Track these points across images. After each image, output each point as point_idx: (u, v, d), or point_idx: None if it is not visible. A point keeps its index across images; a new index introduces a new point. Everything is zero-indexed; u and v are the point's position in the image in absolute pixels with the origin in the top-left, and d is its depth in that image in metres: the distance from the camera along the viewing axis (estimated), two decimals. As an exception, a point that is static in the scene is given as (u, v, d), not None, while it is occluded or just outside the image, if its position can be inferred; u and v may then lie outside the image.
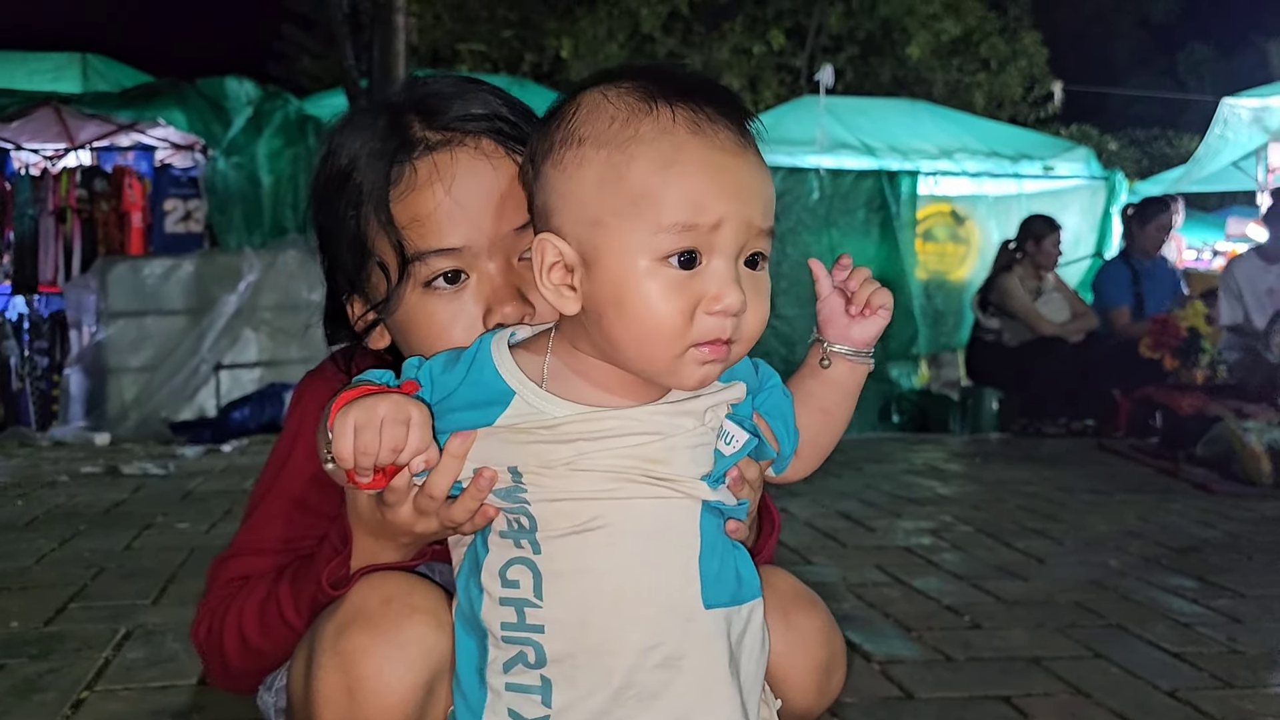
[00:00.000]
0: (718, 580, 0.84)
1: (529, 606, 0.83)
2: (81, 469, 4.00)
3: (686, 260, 0.76)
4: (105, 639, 2.05)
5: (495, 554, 0.85)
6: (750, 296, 0.79)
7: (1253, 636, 2.22)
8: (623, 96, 0.79)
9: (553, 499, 0.82)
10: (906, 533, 3.14)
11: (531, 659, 0.83)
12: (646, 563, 0.82)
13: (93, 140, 7.07)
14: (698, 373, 0.80)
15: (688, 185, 0.76)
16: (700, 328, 0.77)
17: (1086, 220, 7.53)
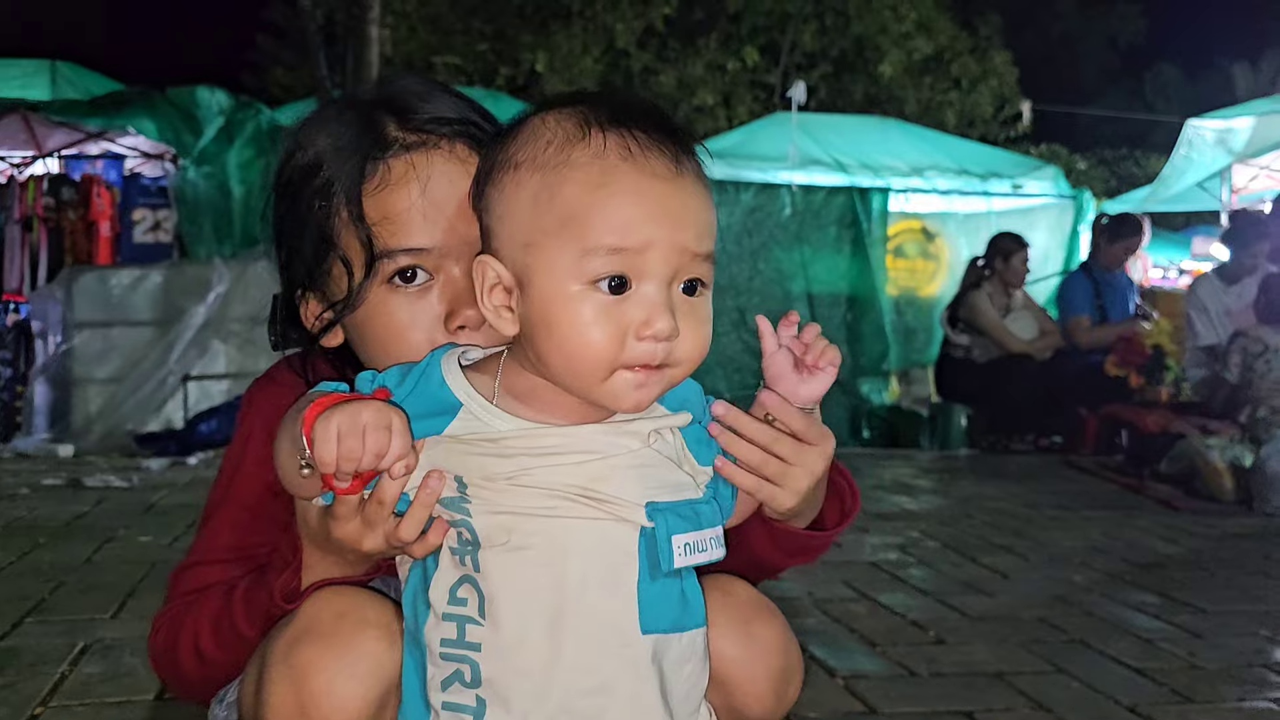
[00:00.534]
0: (657, 606, 0.83)
1: (470, 624, 0.83)
2: (43, 481, 3.94)
3: (616, 285, 0.77)
4: (62, 654, 2.02)
5: (445, 571, 0.85)
6: (685, 322, 0.79)
7: (1213, 652, 2.24)
8: (560, 122, 0.80)
9: (494, 512, 0.82)
10: (874, 548, 3.15)
11: (468, 678, 0.82)
12: (582, 585, 0.81)
13: (61, 148, 7.01)
14: (631, 395, 0.80)
15: (616, 208, 0.77)
16: (630, 352, 0.78)
17: (1055, 238, 7.61)
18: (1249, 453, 4.03)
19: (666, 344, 0.78)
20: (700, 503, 0.87)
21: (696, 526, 0.85)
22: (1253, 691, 2.02)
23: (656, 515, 0.83)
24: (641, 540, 0.83)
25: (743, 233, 7.10)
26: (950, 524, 3.55)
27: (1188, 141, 7.26)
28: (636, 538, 0.83)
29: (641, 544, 0.83)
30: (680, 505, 0.84)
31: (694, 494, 0.86)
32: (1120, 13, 23.84)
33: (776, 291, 7.17)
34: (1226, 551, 3.25)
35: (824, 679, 2.02)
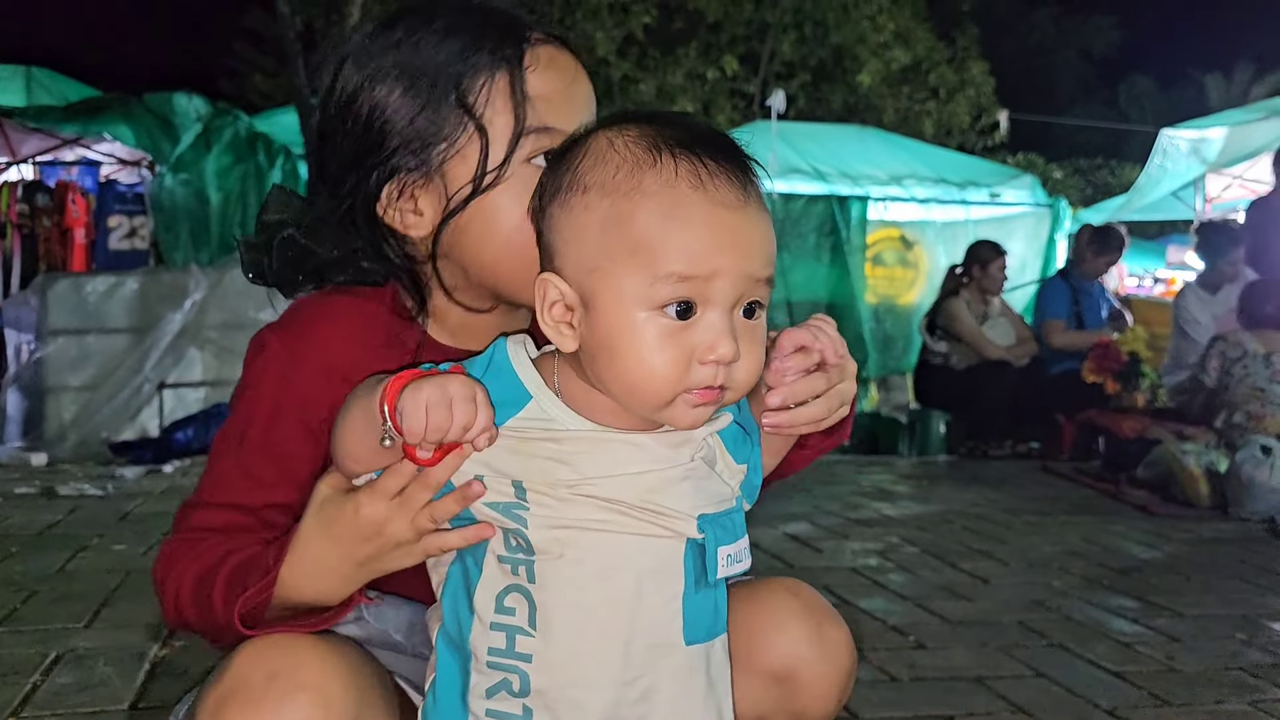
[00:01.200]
0: (699, 618, 0.85)
1: (521, 634, 0.82)
2: (16, 490, 3.89)
3: (683, 310, 0.78)
4: (34, 664, 1.99)
5: (492, 578, 0.84)
6: (745, 345, 0.80)
7: (1190, 655, 2.26)
8: (629, 145, 0.81)
9: (551, 525, 0.82)
10: (854, 554, 3.15)
11: (516, 687, 0.82)
12: (635, 599, 0.82)
13: (35, 154, 6.96)
14: (690, 415, 0.81)
15: (687, 238, 0.77)
16: (693, 376, 0.79)
17: (1032, 246, 7.68)
18: (1224, 458, 4.06)
19: (727, 368, 0.79)
20: (735, 512, 0.88)
21: (735, 537, 0.86)
22: (1229, 694, 2.04)
23: (706, 527, 0.83)
24: (688, 552, 0.84)
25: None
26: (929, 529, 3.56)
27: (1162, 151, 7.36)
28: (683, 550, 0.84)
29: (688, 556, 0.84)
30: (722, 516, 0.85)
31: (730, 504, 0.88)
32: (1095, 25, 24.13)
33: (760, 296, 7.18)
34: (1202, 556, 3.28)
35: (805, 684, 2.01)
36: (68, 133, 6.57)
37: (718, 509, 0.85)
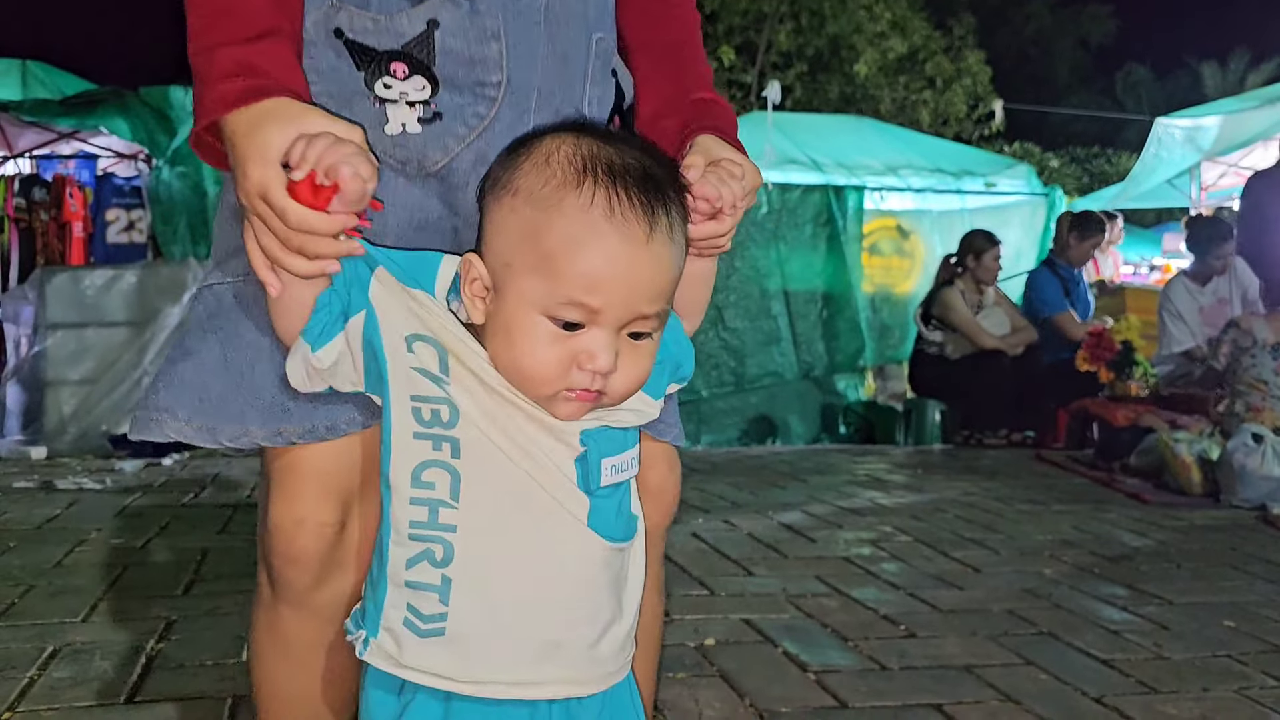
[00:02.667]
0: (602, 517, 0.91)
1: (444, 507, 0.88)
2: (15, 484, 3.91)
3: (571, 326, 0.85)
4: (31, 658, 2.01)
5: (406, 454, 0.89)
6: (625, 359, 0.86)
7: (1178, 643, 2.28)
8: (562, 162, 0.86)
9: (470, 398, 0.88)
10: (847, 543, 3.17)
11: (439, 557, 0.88)
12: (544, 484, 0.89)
13: (32, 148, 6.95)
14: (566, 409, 0.87)
15: (586, 267, 0.83)
16: (573, 378, 0.85)
17: (1027, 235, 7.68)
18: (1216, 446, 4.08)
19: (604, 377, 0.85)
20: (630, 429, 0.95)
21: (623, 448, 0.93)
22: (1217, 681, 2.06)
23: (589, 440, 0.90)
24: (576, 462, 0.90)
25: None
26: (923, 519, 3.59)
27: (1157, 139, 7.36)
28: (573, 460, 0.90)
29: (577, 464, 0.90)
30: (609, 429, 0.92)
31: (627, 424, 0.94)
32: (1091, 13, 24.06)
33: (753, 289, 7.20)
34: (1193, 544, 3.30)
35: (795, 673, 2.04)
36: (64, 126, 6.56)
37: (607, 423, 0.92)
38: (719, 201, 0.94)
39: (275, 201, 0.83)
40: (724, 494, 3.99)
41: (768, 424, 7.15)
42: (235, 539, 3.03)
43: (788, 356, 7.24)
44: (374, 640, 0.92)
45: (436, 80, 0.99)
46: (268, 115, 0.86)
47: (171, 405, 1.01)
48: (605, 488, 0.91)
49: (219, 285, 1.04)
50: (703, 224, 0.95)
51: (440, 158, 1.01)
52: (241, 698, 1.82)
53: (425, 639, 0.89)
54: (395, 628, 0.90)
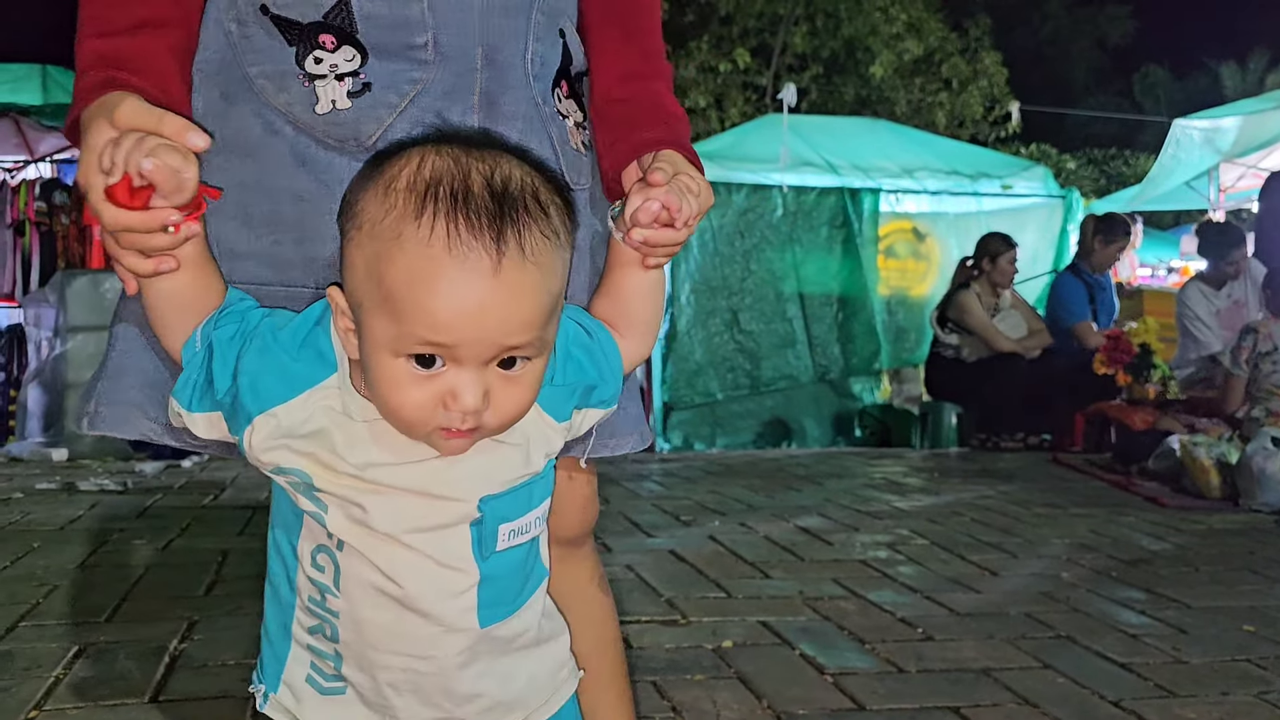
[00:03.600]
0: (497, 601, 0.87)
1: (329, 593, 0.86)
2: (37, 485, 3.95)
3: (425, 361, 0.77)
4: (56, 657, 2.03)
5: (306, 532, 0.86)
6: (500, 391, 0.79)
7: (1196, 647, 2.27)
8: (403, 191, 0.78)
9: (343, 507, 0.83)
10: (863, 546, 3.18)
11: (328, 633, 0.87)
12: (425, 585, 0.84)
13: (53, 153, 7.02)
14: (449, 446, 0.81)
15: (429, 305, 0.75)
16: (442, 418, 0.78)
17: (1044, 238, 7.64)
18: (1235, 450, 4.07)
19: (475, 414, 0.78)
20: (536, 481, 0.89)
21: (524, 510, 0.88)
22: (1236, 686, 2.05)
23: (486, 506, 0.85)
24: (473, 527, 0.85)
25: (734, 234, 7.12)
26: (939, 522, 3.58)
27: (1175, 141, 7.32)
28: (468, 530, 0.85)
29: (474, 529, 0.85)
30: (512, 493, 0.86)
31: (531, 474, 0.88)
32: (1109, 14, 23.95)
33: (768, 292, 7.19)
34: (1212, 548, 3.29)
35: (813, 676, 2.04)
36: (84, 131, 6.64)
37: (506, 487, 0.86)
38: (678, 213, 0.89)
39: (93, 203, 0.79)
40: (740, 497, 3.99)
41: (783, 427, 7.15)
42: (255, 540, 3.05)
43: (803, 359, 7.23)
44: (273, 695, 0.91)
45: (365, 48, 0.95)
46: (96, 113, 0.82)
47: (142, 402, 0.98)
48: (502, 551, 0.87)
49: None
50: (661, 230, 0.90)
51: (374, 129, 0.96)
52: (263, 698, 1.83)
53: (327, 696, 0.89)
54: (296, 684, 0.90)
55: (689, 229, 0.91)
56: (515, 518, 0.87)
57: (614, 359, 0.94)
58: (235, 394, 0.83)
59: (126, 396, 0.98)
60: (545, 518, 0.91)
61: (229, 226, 0.99)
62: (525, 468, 0.87)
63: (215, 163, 0.99)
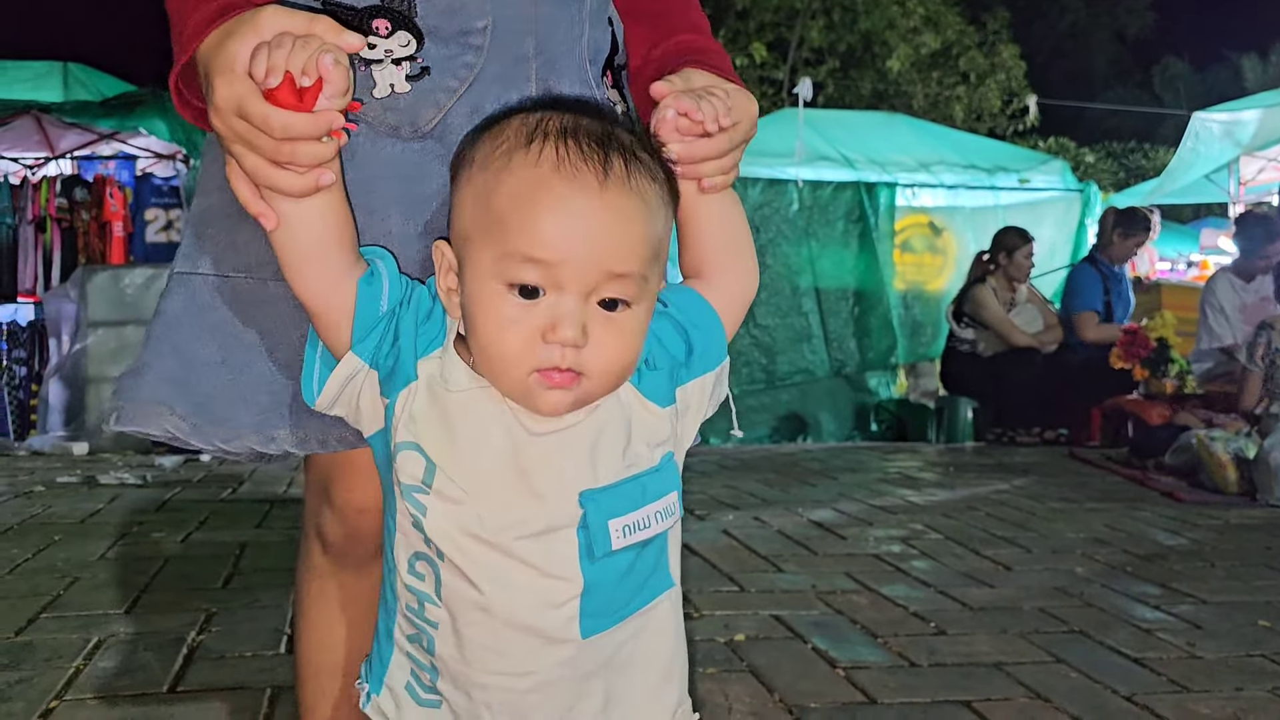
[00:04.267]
0: (602, 610, 0.84)
1: (428, 602, 0.84)
2: (58, 479, 3.99)
3: (528, 291, 0.77)
4: (77, 648, 2.06)
5: (405, 540, 0.85)
6: (600, 333, 0.78)
7: (1211, 642, 2.27)
8: (517, 129, 0.81)
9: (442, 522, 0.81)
10: (877, 540, 3.18)
11: (424, 644, 0.86)
12: (526, 597, 0.82)
13: (73, 149, 7.07)
14: (547, 398, 0.78)
15: (536, 220, 0.76)
16: (541, 355, 0.77)
17: (1062, 232, 7.61)
18: (1253, 445, 4.04)
19: (575, 351, 0.77)
20: (649, 474, 0.84)
21: (636, 505, 0.83)
22: (1250, 681, 2.04)
23: (589, 502, 0.81)
24: (580, 533, 0.81)
25: (750, 228, 7.12)
26: (954, 516, 3.58)
27: (1194, 134, 7.27)
28: (575, 535, 0.82)
29: (581, 536, 0.81)
30: (623, 484, 0.83)
31: (642, 468, 0.84)
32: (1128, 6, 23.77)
33: (784, 286, 7.19)
34: (1228, 543, 3.27)
35: (825, 670, 2.05)
36: (104, 128, 6.68)
37: (609, 481, 0.82)
38: (697, 115, 0.83)
39: (255, 112, 0.75)
40: (754, 491, 4.00)
41: (799, 421, 7.15)
42: (273, 533, 3.08)
43: (819, 354, 7.23)
44: (375, 697, 0.90)
45: (420, 33, 0.94)
46: (229, 33, 0.79)
47: (169, 399, 0.96)
48: (616, 552, 0.82)
49: (214, 277, 0.99)
50: (698, 142, 0.85)
51: (433, 115, 0.95)
52: (281, 688, 1.86)
53: (424, 708, 0.87)
54: (397, 689, 0.89)
55: (729, 135, 0.86)
56: (626, 513, 0.82)
57: (696, 309, 0.89)
58: (397, 355, 0.83)
59: (150, 393, 0.98)
60: (671, 515, 0.86)
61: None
62: (629, 459, 0.83)
63: None
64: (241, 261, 0.98)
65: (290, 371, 0.97)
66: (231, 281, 0.99)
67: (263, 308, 0.98)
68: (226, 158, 0.81)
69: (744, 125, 0.88)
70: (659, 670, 0.89)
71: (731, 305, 0.92)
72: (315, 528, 1.09)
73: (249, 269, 0.98)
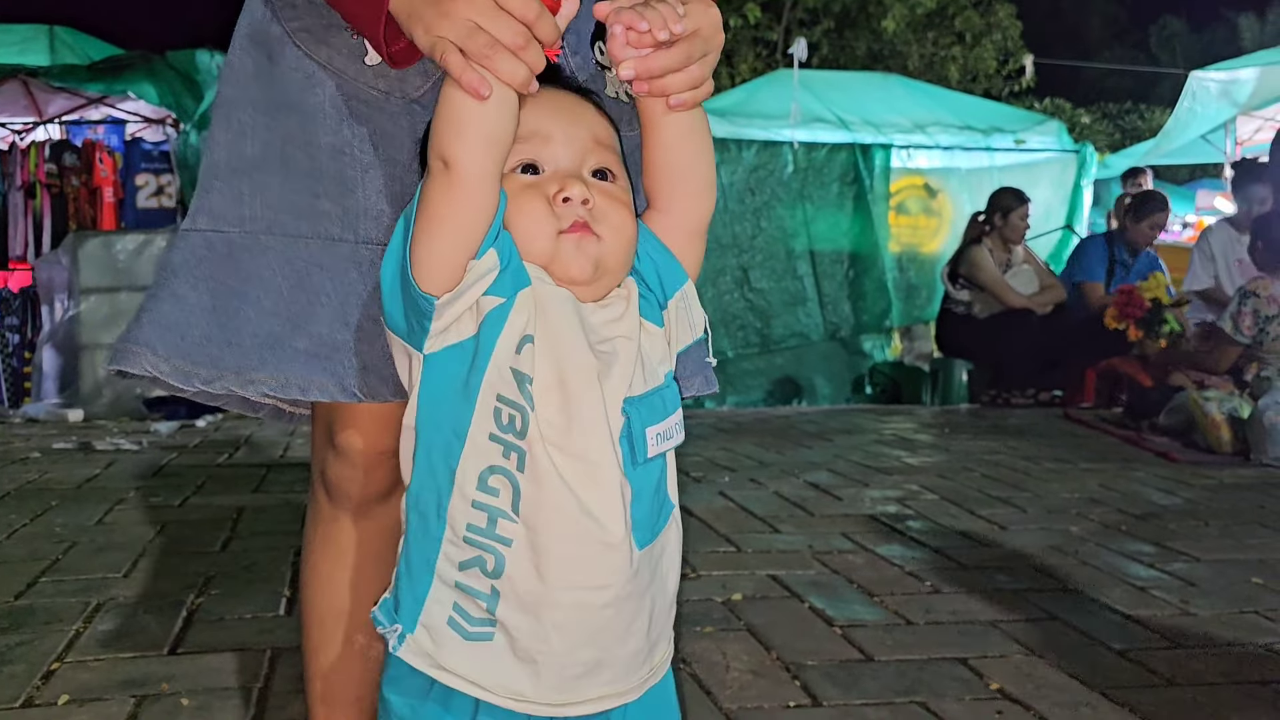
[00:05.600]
0: (643, 523, 0.87)
1: (503, 518, 0.83)
2: (54, 445, 3.99)
3: (529, 168, 0.88)
4: (76, 612, 2.07)
5: (479, 454, 0.84)
6: (600, 198, 0.87)
7: (1205, 599, 2.29)
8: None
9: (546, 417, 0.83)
10: (873, 501, 3.19)
11: (489, 566, 0.84)
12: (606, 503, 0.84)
13: (61, 114, 7.00)
14: (576, 255, 0.86)
15: (525, 118, 0.86)
16: (560, 215, 0.86)
17: (1057, 193, 7.58)
18: (1246, 405, 4.06)
19: (586, 209, 0.86)
20: (664, 389, 0.90)
21: (664, 415, 0.89)
22: (1243, 637, 2.06)
23: (630, 409, 0.86)
24: (621, 437, 0.86)
25: (745, 191, 7.09)
26: (949, 477, 3.59)
27: (1191, 94, 7.23)
28: (621, 444, 0.86)
29: (622, 440, 0.86)
30: (650, 396, 0.88)
31: (659, 382, 0.90)
32: (1127, -36, 23.57)
33: (779, 249, 7.17)
34: (1222, 502, 3.29)
35: (822, 628, 2.06)
36: (92, 92, 6.60)
37: (644, 389, 0.88)
38: (642, 25, 0.83)
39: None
40: (750, 454, 4.01)
41: (793, 385, 7.16)
42: (270, 497, 3.08)
43: (814, 317, 7.23)
44: (410, 636, 0.86)
45: None
46: None
47: (152, 341, 1.00)
48: (651, 459, 0.87)
49: (210, 233, 1.03)
50: (654, 56, 0.84)
51: (421, 83, 0.99)
52: (281, 650, 1.87)
53: (471, 642, 0.85)
54: (437, 625, 0.85)
55: (688, 45, 0.85)
56: (657, 421, 0.88)
57: (648, 238, 0.93)
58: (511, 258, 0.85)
59: (138, 335, 1.01)
60: (682, 430, 0.92)
61: (273, 180, 1.01)
62: (648, 374, 0.89)
63: (261, 121, 1.02)
64: (239, 214, 1.01)
65: (276, 318, 1.00)
66: (226, 236, 1.02)
67: (256, 258, 1.01)
68: (439, 44, 0.81)
69: (705, 32, 0.87)
70: (672, 592, 0.93)
71: (698, 225, 0.95)
72: (320, 473, 1.11)
73: (243, 221, 1.01)
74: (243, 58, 1.04)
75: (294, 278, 1.00)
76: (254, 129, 1.02)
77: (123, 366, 1.00)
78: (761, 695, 1.74)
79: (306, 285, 1.00)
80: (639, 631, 0.88)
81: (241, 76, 1.04)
